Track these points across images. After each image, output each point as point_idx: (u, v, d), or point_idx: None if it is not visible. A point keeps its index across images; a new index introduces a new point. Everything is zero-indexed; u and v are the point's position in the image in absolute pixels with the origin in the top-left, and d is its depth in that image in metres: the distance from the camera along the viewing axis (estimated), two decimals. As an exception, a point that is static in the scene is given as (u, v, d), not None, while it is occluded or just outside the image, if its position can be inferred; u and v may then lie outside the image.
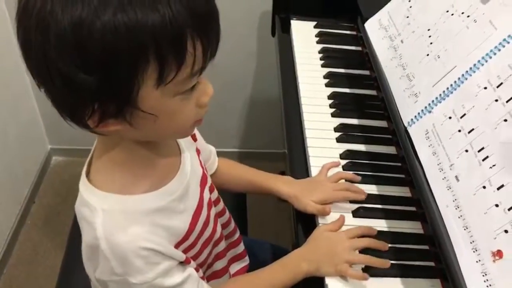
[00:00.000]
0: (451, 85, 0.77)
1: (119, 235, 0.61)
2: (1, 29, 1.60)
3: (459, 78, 0.76)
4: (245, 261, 0.97)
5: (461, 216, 0.66)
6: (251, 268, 0.97)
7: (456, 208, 0.67)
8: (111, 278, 0.63)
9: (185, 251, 0.71)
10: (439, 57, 0.82)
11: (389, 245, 0.79)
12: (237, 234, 0.93)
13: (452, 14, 0.83)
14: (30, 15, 0.51)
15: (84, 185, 0.65)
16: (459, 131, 0.72)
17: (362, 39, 1.17)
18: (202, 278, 0.76)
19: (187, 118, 0.61)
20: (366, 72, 1.14)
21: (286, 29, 1.30)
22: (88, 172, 0.67)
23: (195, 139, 0.81)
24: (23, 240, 1.73)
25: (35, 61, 0.52)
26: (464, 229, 0.64)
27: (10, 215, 1.71)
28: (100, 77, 0.51)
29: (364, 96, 1.08)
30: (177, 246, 0.69)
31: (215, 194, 0.83)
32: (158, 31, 0.50)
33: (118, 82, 0.52)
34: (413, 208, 0.86)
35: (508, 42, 0.70)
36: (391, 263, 0.76)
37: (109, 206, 0.62)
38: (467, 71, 0.75)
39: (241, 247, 0.95)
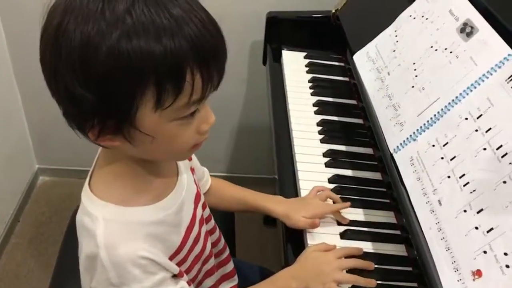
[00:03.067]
0: (435, 115, 0.82)
1: (119, 245, 0.63)
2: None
3: (442, 109, 0.81)
4: (234, 281, 0.98)
5: (443, 238, 0.70)
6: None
7: (439, 231, 0.71)
8: None
9: (177, 265, 0.73)
10: (423, 89, 0.87)
11: (375, 266, 0.82)
12: (227, 253, 0.96)
13: (436, 50, 0.89)
14: (50, 30, 0.55)
15: (86, 195, 0.68)
16: (442, 158, 0.76)
17: (350, 70, 1.23)
18: None
19: (185, 143, 0.63)
20: (354, 102, 1.19)
21: (277, 59, 1.36)
22: (90, 181, 0.69)
23: (190, 159, 0.84)
24: (7, 260, 1.71)
25: (48, 73, 0.57)
26: (446, 250, 0.68)
27: (-6, 233, 1.70)
28: (99, 95, 0.54)
29: (352, 124, 1.13)
30: (170, 258, 0.71)
31: (207, 211, 0.85)
32: (159, 61, 0.53)
33: (116, 102, 0.55)
34: (397, 232, 0.89)
35: (487, 77, 0.76)
36: (377, 283, 0.79)
37: (110, 216, 0.65)
38: (449, 103, 0.80)
39: (230, 266, 0.97)
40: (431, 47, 0.91)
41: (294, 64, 1.32)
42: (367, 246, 0.86)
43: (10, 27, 1.61)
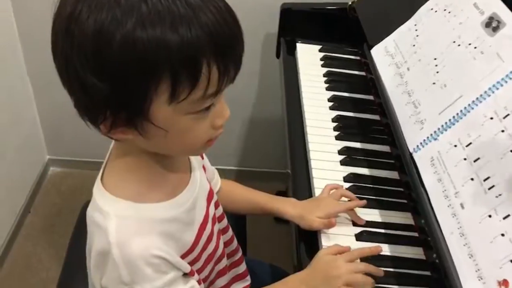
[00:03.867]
0: (457, 114, 0.78)
1: (132, 242, 0.61)
2: (8, 40, 1.61)
3: (465, 108, 0.77)
4: (247, 281, 0.96)
5: (466, 244, 0.67)
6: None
7: (461, 236, 0.68)
8: (118, 287, 0.63)
9: (190, 264, 0.71)
10: (445, 86, 0.83)
11: (391, 269, 0.80)
12: (240, 254, 0.93)
13: (459, 45, 0.85)
14: (62, 19, 0.53)
15: (98, 190, 0.66)
16: (465, 159, 0.73)
17: (366, 65, 1.20)
18: None
19: (199, 138, 0.61)
20: (370, 97, 1.16)
21: (291, 52, 1.32)
22: (102, 176, 0.67)
23: (202, 157, 0.82)
24: (17, 251, 1.71)
25: (60, 63, 0.55)
26: (469, 257, 0.65)
27: (5, 225, 1.69)
28: (112, 86, 0.52)
29: (368, 120, 1.10)
30: (183, 257, 0.69)
31: (220, 210, 0.83)
32: (174, 52, 0.51)
33: (129, 93, 0.53)
34: (415, 234, 0.86)
35: (515, 75, 0.72)
36: (393, 287, 0.77)
37: (123, 212, 0.63)
38: (473, 101, 0.76)
39: (243, 267, 0.95)
40: (454, 42, 0.87)
41: (309, 58, 1.28)
42: (383, 249, 0.83)
43: (22, 18, 1.60)
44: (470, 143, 0.73)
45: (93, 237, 0.65)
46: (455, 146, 0.76)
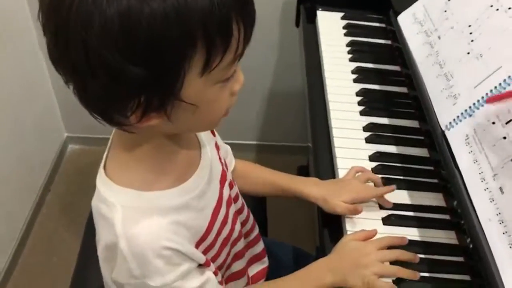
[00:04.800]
0: (496, 87, 0.71)
1: (140, 234, 0.59)
2: (19, 17, 1.57)
3: (504, 80, 0.70)
4: (265, 263, 0.93)
5: (506, 232, 0.61)
6: (271, 270, 0.94)
7: (500, 223, 0.62)
8: (129, 281, 0.61)
9: (204, 252, 0.68)
10: (481, 56, 0.76)
11: (422, 256, 0.75)
12: (256, 231, 0.90)
13: (497, 9, 0.77)
14: (69, 5, 0.48)
15: (101, 180, 0.63)
16: (504, 138, 0.66)
17: (392, 33, 1.12)
18: (220, 282, 0.73)
19: (223, 107, 0.59)
20: (397, 68, 1.08)
21: (311, 20, 1.25)
22: (105, 166, 0.64)
23: (214, 134, 0.78)
24: (38, 229, 1.72)
25: (73, 55, 0.49)
26: (510, 247, 0.59)
27: (25, 203, 1.70)
28: (148, 68, 0.49)
29: (395, 93, 1.03)
30: (197, 246, 0.66)
31: (235, 190, 0.80)
32: (207, 14, 0.49)
33: (165, 71, 0.50)
34: (447, 217, 0.81)
35: None
36: (424, 276, 0.72)
37: (129, 202, 0.60)
38: (514, 73, 0.69)
39: (260, 246, 0.92)
40: (491, 6, 0.79)
41: (330, 26, 1.20)
42: (412, 233, 0.78)
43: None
44: (511, 120, 0.66)
45: (99, 230, 0.63)
46: (493, 123, 0.69)
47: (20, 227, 1.65)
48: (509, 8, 0.75)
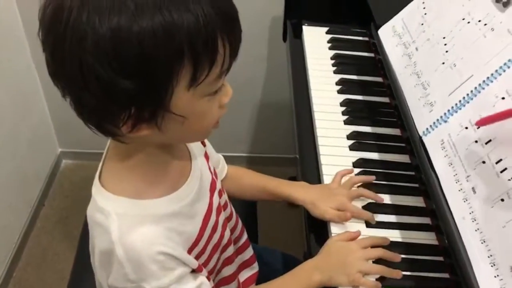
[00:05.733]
0: (468, 94, 0.75)
1: (135, 240, 0.61)
2: (13, 32, 1.61)
3: (475, 88, 0.74)
4: (254, 268, 0.96)
5: (478, 229, 0.65)
6: (261, 276, 0.96)
7: (473, 221, 0.66)
8: (125, 285, 0.63)
9: (196, 258, 0.71)
10: (455, 66, 0.81)
11: (403, 256, 0.78)
12: (245, 238, 0.93)
13: (469, 22, 0.82)
14: (65, 24, 0.51)
15: (97, 190, 0.65)
16: (476, 142, 0.70)
17: (374, 46, 1.16)
18: None
19: (212, 119, 0.62)
20: (379, 79, 1.13)
21: (298, 35, 1.29)
22: (100, 177, 0.67)
23: (204, 144, 0.81)
24: (33, 243, 1.74)
25: (68, 70, 0.53)
26: (482, 243, 0.63)
27: (20, 217, 1.71)
28: (137, 82, 0.52)
29: (377, 103, 1.07)
30: (189, 251, 0.69)
31: (224, 198, 0.83)
32: (193, 32, 0.52)
33: (154, 85, 0.53)
34: (427, 219, 0.84)
35: (527, 52, 0.69)
36: (406, 274, 0.75)
37: (124, 210, 0.62)
38: (484, 81, 0.73)
39: (249, 252, 0.94)
40: (463, 19, 0.84)
41: (316, 40, 1.25)
42: (395, 235, 0.82)
43: (26, 11, 1.59)
44: (482, 125, 0.71)
45: (95, 237, 0.65)
46: (466, 128, 0.73)
47: (15, 241, 1.66)
48: (479, 21, 0.80)
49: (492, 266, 0.60)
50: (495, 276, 0.60)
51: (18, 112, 1.67)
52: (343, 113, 1.03)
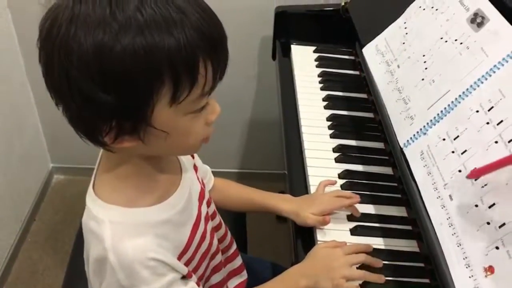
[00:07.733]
0: (445, 108, 0.80)
1: (127, 246, 0.63)
2: (7, 48, 1.64)
3: (452, 102, 0.79)
4: (243, 276, 0.98)
5: (454, 233, 0.68)
6: (250, 286, 0.98)
7: (450, 226, 0.69)
8: None
9: (185, 264, 0.73)
10: (433, 82, 0.85)
11: (386, 262, 0.81)
12: (234, 248, 0.95)
13: (446, 41, 0.87)
14: (54, 38, 0.54)
15: (90, 198, 0.68)
16: (453, 152, 0.75)
17: (360, 64, 1.21)
18: None
19: (197, 136, 0.64)
20: (364, 95, 1.18)
21: (286, 54, 1.35)
22: (94, 186, 0.69)
23: (193, 157, 0.84)
24: (23, 258, 1.74)
25: (57, 81, 0.56)
26: (458, 246, 0.67)
27: (10, 232, 1.72)
28: (117, 96, 0.54)
29: (362, 118, 1.12)
30: (179, 258, 0.71)
31: (212, 208, 0.85)
32: (174, 54, 0.54)
33: (134, 101, 0.55)
34: (409, 227, 0.88)
35: (499, 68, 0.74)
36: (388, 280, 0.79)
37: (116, 218, 0.65)
38: (460, 95, 0.78)
39: (238, 261, 0.97)
40: (441, 38, 0.89)
41: (304, 59, 1.31)
42: (378, 242, 0.85)
43: (21, 27, 1.63)
44: (458, 136, 0.75)
45: (89, 245, 0.67)
46: (444, 139, 0.77)
47: (5, 255, 1.66)
48: (456, 40, 0.85)
49: (467, 267, 0.64)
50: (469, 277, 0.63)
51: (11, 127, 1.69)
52: (329, 127, 1.08)
